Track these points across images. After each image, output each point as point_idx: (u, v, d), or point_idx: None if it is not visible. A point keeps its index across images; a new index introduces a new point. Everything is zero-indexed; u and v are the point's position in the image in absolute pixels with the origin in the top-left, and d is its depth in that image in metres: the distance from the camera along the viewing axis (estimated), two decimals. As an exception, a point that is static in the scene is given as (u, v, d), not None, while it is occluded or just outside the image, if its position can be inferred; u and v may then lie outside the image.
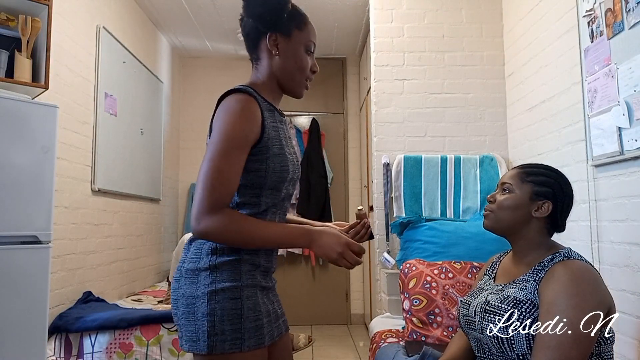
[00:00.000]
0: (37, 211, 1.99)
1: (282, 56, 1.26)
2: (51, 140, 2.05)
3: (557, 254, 1.26)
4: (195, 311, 1.14)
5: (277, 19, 1.25)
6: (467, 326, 1.35)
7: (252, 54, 1.31)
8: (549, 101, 2.54)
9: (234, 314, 1.13)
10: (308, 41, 1.29)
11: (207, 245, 1.17)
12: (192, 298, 1.14)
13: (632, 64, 1.85)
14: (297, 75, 1.29)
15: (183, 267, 1.20)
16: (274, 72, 1.28)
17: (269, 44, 1.26)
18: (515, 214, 1.31)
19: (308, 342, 3.32)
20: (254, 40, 1.28)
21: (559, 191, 1.30)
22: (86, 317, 2.59)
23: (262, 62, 1.29)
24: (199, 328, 1.12)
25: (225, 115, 1.15)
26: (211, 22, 4.23)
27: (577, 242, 2.25)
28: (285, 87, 1.30)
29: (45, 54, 2.19)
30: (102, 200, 3.24)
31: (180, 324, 1.17)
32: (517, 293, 1.24)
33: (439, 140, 3.12)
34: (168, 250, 4.69)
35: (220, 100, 1.21)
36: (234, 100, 1.16)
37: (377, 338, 2.36)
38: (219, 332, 1.12)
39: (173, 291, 1.21)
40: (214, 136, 1.14)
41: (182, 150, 5.07)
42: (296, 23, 1.27)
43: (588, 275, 1.18)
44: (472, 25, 3.18)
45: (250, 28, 1.28)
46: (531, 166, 1.36)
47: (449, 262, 2.30)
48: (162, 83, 4.40)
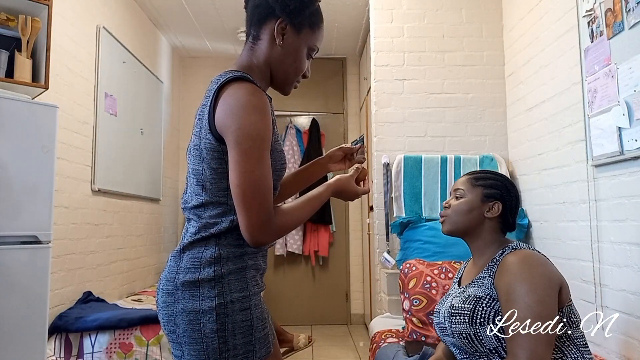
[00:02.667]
0: (37, 211, 1.99)
1: (284, 49, 1.16)
2: (51, 140, 2.05)
3: (506, 247, 1.35)
4: (201, 328, 1.04)
5: (299, 10, 1.15)
6: (442, 333, 1.41)
7: (252, 29, 1.18)
8: (549, 101, 2.54)
9: (245, 325, 1.06)
10: (314, 44, 1.21)
11: (208, 253, 1.07)
12: (196, 314, 1.04)
13: (632, 64, 1.85)
14: (291, 74, 1.20)
15: (177, 278, 1.07)
16: (270, 61, 1.18)
17: (276, 30, 1.15)
18: (470, 216, 1.41)
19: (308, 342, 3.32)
20: (262, 16, 1.16)
21: (506, 192, 1.42)
22: (86, 317, 2.59)
23: (260, 43, 1.17)
24: (208, 346, 1.04)
25: (243, 113, 1.02)
26: (211, 22, 4.23)
27: (577, 242, 2.25)
28: (275, 80, 1.21)
29: (45, 54, 2.19)
30: (102, 200, 3.24)
31: (181, 342, 1.06)
32: (476, 291, 1.32)
33: (439, 140, 3.12)
34: (168, 250, 4.69)
35: (221, 88, 1.07)
36: (247, 93, 1.04)
37: (377, 338, 2.36)
38: (231, 347, 1.04)
39: (165, 306, 1.08)
40: (239, 137, 1.01)
41: (182, 150, 5.07)
42: (311, 22, 1.18)
43: (534, 259, 1.26)
44: (472, 25, 3.18)
45: (263, 4, 1.16)
46: (479, 172, 1.48)
47: (449, 262, 2.30)
48: (162, 83, 4.40)
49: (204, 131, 1.07)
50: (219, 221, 1.08)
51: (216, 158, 1.07)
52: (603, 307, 2.05)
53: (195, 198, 1.11)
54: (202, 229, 1.09)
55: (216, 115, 1.05)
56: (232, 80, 1.07)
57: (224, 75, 1.10)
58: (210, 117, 1.06)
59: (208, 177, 1.09)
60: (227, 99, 1.04)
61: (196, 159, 1.11)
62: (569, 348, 1.26)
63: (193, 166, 1.12)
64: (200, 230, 1.09)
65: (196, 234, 1.09)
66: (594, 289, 2.10)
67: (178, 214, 5.00)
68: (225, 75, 1.10)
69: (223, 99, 1.05)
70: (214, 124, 1.05)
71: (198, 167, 1.10)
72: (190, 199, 1.14)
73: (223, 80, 1.07)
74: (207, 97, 1.10)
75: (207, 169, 1.08)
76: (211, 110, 1.06)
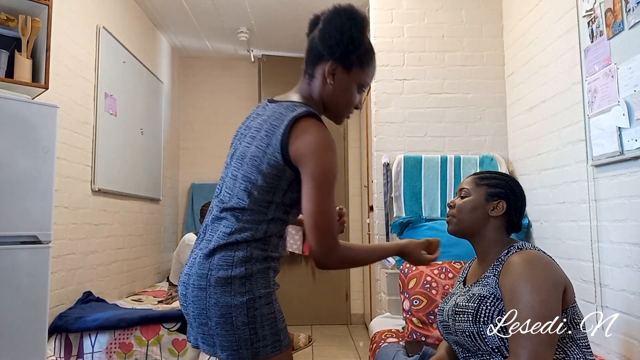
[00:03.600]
0: (37, 211, 1.99)
1: (335, 87, 1.28)
2: (51, 140, 2.05)
3: (511, 247, 1.35)
4: (233, 321, 1.15)
5: (346, 54, 1.25)
6: (445, 331, 1.42)
7: (307, 68, 1.31)
8: (549, 101, 2.54)
9: (270, 318, 1.17)
10: (364, 81, 1.30)
11: (240, 253, 1.17)
12: (228, 307, 1.15)
13: (632, 64, 1.85)
14: (341, 108, 1.32)
15: (210, 275, 1.17)
16: (323, 97, 1.30)
17: (326, 71, 1.26)
18: (474, 215, 1.41)
19: (308, 342, 3.31)
20: (314, 59, 1.29)
21: (510, 191, 1.42)
22: (86, 317, 2.59)
23: (315, 81, 1.30)
24: (240, 337, 1.15)
25: (322, 152, 1.16)
26: (211, 22, 4.23)
27: (577, 242, 2.25)
28: (328, 112, 1.34)
29: (45, 54, 2.19)
30: (102, 200, 3.24)
31: (213, 333, 1.17)
32: (480, 290, 1.32)
33: (439, 140, 3.12)
34: (168, 250, 4.69)
35: (294, 121, 1.18)
36: (324, 135, 1.18)
37: (377, 338, 2.36)
38: (261, 338, 1.16)
39: (198, 300, 1.18)
40: (315, 173, 1.15)
41: (182, 150, 5.07)
42: (361, 61, 1.27)
43: (539, 260, 1.26)
44: (472, 25, 3.18)
45: (315, 49, 1.28)
46: (484, 172, 1.49)
47: (449, 262, 2.30)
48: (162, 83, 4.40)
49: (271, 149, 1.19)
50: (254, 228, 1.19)
51: (274, 175, 1.19)
52: (603, 307, 2.05)
53: (237, 201, 1.21)
54: (238, 231, 1.19)
55: (293, 144, 1.17)
56: (307, 116, 1.20)
57: (297, 107, 1.22)
58: (283, 141, 1.17)
59: (258, 188, 1.19)
60: (307, 136, 1.17)
61: (252, 168, 1.21)
62: (572, 349, 1.26)
63: (245, 173, 1.22)
64: (235, 232, 1.19)
65: (230, 235, 1.19)
66: (594, 289, 2.10)
67: (178, 214, 5.00)
68: (297, 107, 1.22)
69: (302, 133, 1.17)
70: (288, 149, 1.17)
71: (251, 176, 1.20)
72: (229, 200, 1.23)
73: (299, 113, 1.19)
74: (279, 120, 1.20)
75: (261, 181, 1.19)
76: (285, 136, 1.17)
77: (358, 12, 1.25)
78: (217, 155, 5.03)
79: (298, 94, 1.32)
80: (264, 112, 1.29)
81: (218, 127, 5.09)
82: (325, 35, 1.25)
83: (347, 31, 1.22)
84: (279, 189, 1.20)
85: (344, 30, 1.22)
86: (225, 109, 5.12)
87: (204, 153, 5.08)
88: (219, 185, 1.31)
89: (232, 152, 1.31)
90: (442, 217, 2.92)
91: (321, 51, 1.26)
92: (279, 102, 1.28)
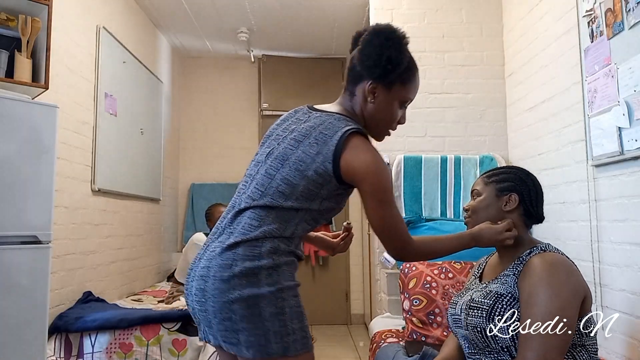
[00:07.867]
0: (37, 211, 1.99)
1: (376, 105, 1.28)
2: (51, 140, 2.05)
3: (534, 247, 1.34)
4: (261, 312, 1.09)
5: (386, 74, 1.25)
6: (455, 325, 1.41)
7: (348, 86, 1.32)
8: (549, 101, 2.54)
9: (298, 311, 1.14)
10: (405, 97, 1.31)
11: (268, 245, 1.14)
12: (255, 298, 1.09)
13: (632, 64, 1.85)
14: (382, 125, 1.32)
15: (235, 265, 1.12)
16: (364, 114, 1.30)
17: (366, 90, 1.27)
18: (488, 213, 1.41)
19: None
20: (355, 79, 1.29)
21: (520, 182, 1.41)
22: (86, 317, 2.59)
23: (356, 99, 1.30)
24: (269, 329, 1.08)
25: (377, 170, 1.18)
26: (211, 22, 4.23)
27: (577, 242, 2.25)
28: (369, 128, 1.33)
29: (45, 54, 2.18)
30: (102, 200, 3.24)
31: (237, 328, 1.10)
32: (498, 288, 1.31)
33: (439, 140, 3.12)
34: (168, 250, 4.69)
35: (345, 136, 1.19)
36: (374, 151, 1.20)
37: (377, 338, 2.36)
38: (291, 331, 1.10)
39: (219, 293, 1.11)
40: (374, 190, 1.18)
41: (182, 150, 5.07)
42: (402, 79, 1.28)
43: (562, 266, 1.24)
44: (472, 25, 3.18)
45: (355, 68, 1.28)
46: (492, 170, 1.49)
47: (449, 262, 2.30)
48: (162, 83, 4.40)
49: (322, 157, 1.18)
50: (282, 227, 1.18)
51: (319, 183, 1.19)
52: (603, 307, 2.05)
53: (270, 200, 1.19)
54: (266, 225, 1.17)
55: (346, 159, 1.18)
56: (358, 132, 1.21)
57: (349, 122, 1.23)
58: (336, 153, 1.18)
59: (298, 193, 1.19)
60: (362, 155, 1.18)
61: (296, 172, 1.19)
62: (581, 353, 1.25)
63: (285, 175, 1.20)
64: (262, 226, 1.17)
65: (257, 229, 1.16)
66: (594, 289, 2.10)
67: (178, 214, 5.00)
68: (349, 121, 1.24)
69: (356, 150, 1.18)
70: (339, 163, 1.18)
71: (294, 180, 1.19)
72: (260, 198, 1.20)
73: (352, 128, 1.20)
74: (330, 130, 1.21)
75: (303, 187, 1.19)
76: (339, 148, 1.18)
77: (396, 31, 1.25)
78: (217, 155, 5.04)
79: (342, 106, 1.32)
80: (306, 118, 1.28)
81: (218, 127, 5.09)
82: (363, 57, 1.25)
83: (386, 52, 1.23)
84: (319, 196, 1.20)
85: (382, 52, 1.23)
86: (225, 109, 5.12)
87: (204, 153, 5.08)
88: (245, 180, 1.28)
89: (268, 151, 1.27)
90: (442, 217, 2.92)
91: (360, 71, 1.27)
92: (326, 112, 1.28)
